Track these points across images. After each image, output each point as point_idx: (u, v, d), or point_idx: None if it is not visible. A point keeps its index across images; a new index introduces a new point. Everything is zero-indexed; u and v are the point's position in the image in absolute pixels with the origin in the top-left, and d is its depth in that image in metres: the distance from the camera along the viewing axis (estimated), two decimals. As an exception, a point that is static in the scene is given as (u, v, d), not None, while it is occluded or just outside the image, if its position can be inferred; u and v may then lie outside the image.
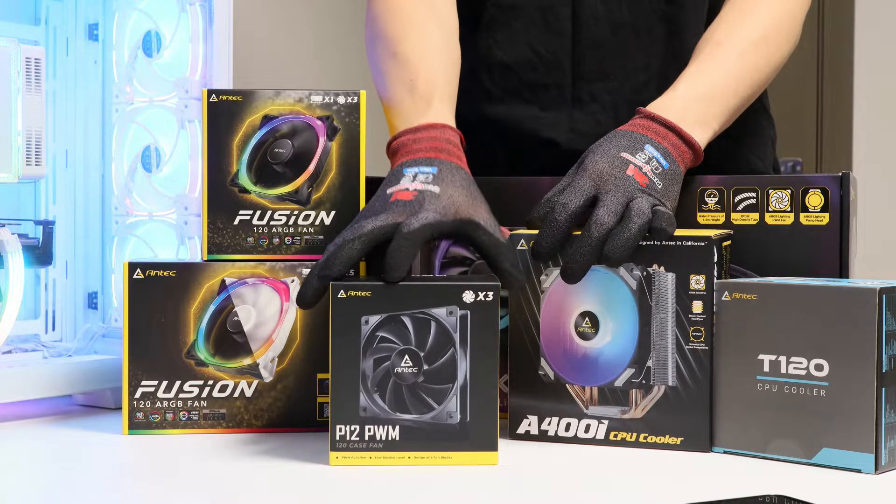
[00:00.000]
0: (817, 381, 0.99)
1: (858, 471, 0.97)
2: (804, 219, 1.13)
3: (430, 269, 1.23)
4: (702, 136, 1.17)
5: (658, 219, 1.06)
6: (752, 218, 1.15)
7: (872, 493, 0.93)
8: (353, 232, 1.03)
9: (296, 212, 1.15)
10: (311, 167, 1.15)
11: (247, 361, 1.13)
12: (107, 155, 1.35)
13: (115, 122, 1.33)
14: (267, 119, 1.15)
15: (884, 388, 0.97)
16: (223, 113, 1.14)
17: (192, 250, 1.27)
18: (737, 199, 1.15)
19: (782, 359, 1.01)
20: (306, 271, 1.13)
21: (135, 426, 1.12)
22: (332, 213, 1.15)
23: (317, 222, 1.15)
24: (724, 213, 1.15)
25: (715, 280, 1.05)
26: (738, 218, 1.15)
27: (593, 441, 1.08)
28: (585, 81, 1.38)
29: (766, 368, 1.02)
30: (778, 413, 1.01)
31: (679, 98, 1.18)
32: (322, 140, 1.15)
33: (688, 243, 1.05)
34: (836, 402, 0.98)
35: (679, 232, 1.07)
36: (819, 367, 0.99)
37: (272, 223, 1.15)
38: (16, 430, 1.14)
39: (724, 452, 1.05)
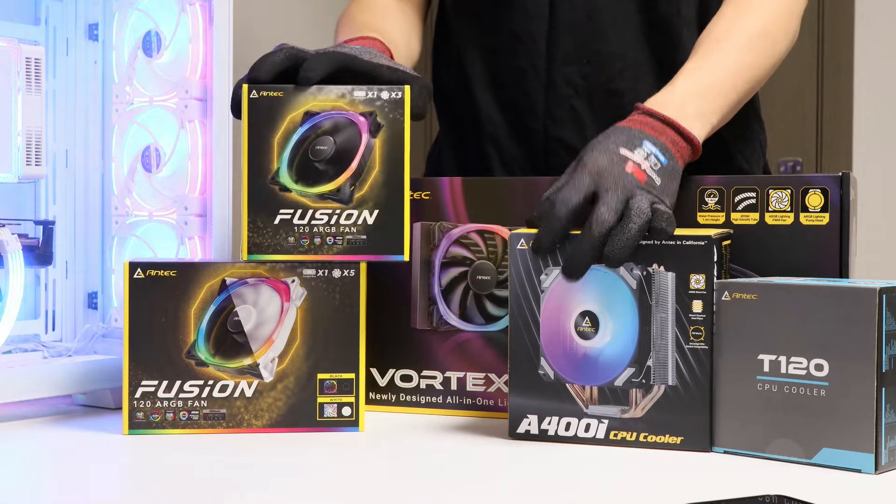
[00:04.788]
0: (817, 381, 0.99)
1: (858, 471, 0.97)
2: (804, 219, 1.13)
3: (429, 269, 1.23)
4: (700, 131, 1.17)
5: (658, 218, 1.06)
6: (752, 218, 1.15)
7: (872, 493, 0.93)
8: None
9: (338, 211, 1.12)
10: (354, 165, 1.12)
11: (247, 361, 1.13)
12: (107, 155, 1.35)
13: (115, 122, 1.33)
14: (308, 115, 1.13)
15: (884, 388, 0.97)
16: (264, 109, 1.12)
17: (192, 250, 1.27)
18: (737, 199, 1.15)
19: (782, 359, 1.01)
20: (307, 271, 1.13)
21: (135, 426, 1.12)
22: (376, 212, 1.13)
23: (359, 221, 1.12)
24: (724, 213, 1.15)
25: (715, 279, 1.05)
26: (738, 218, 1.15)
27: (593, 440, 1.08)
28: (559, 64, 1.41)
29: (766, 368, 1.02)
30: (778, 413, 1.01)
31: (677, 93, 1.19)
32: (365, 137, 1.13)
33: (688, 243, 1.05)
34: (836, 402, 0.98)
35: (679, 231, 1.07)
36: (819, 367, 0.99)
37: (313, 222, 1.12)
38: (16, 430, 1.14)
39: (724, 452, 1.05)
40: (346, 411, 1.14)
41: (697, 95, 1.19)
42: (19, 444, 1.10)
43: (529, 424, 1.10)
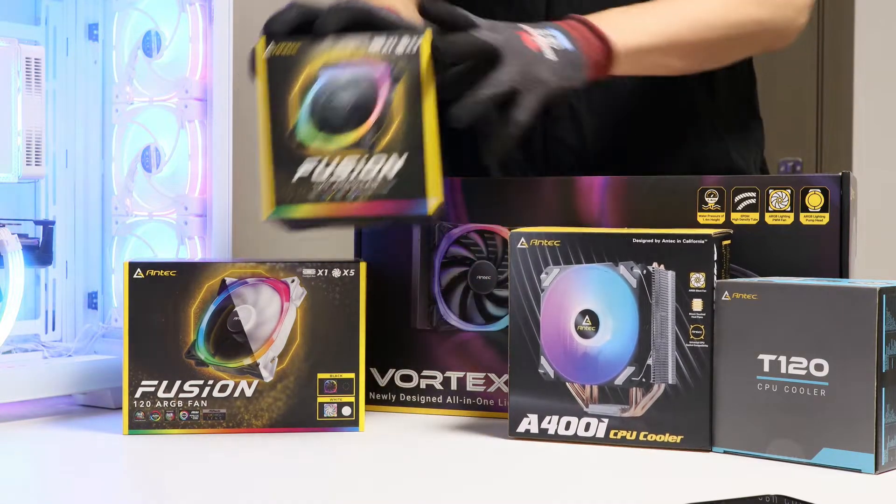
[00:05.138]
0: (817, 381, 0.99)
1: (858, 471, 0.97)
2: (804, 219, 1.13)
3: (429, 269, 1.23)
4: (617, 37, 1.16)
5: (516, 107, 1.07)
6: (752, 218, 1.15)
7: (872, 493, 0.93)
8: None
9: (359, 162, 1.10)
10: (374, 116, 1.09)
11: (247, 361, 1.13)
12: (107, 155, 1.35)
13: (114, 122, 1.33)
14: (325, 68, 1.10)
15: (884, 388, 0.97)
16: (280, 65, 1.10)
17: (192, 250, 1.27)
18: (737, 199, 1.15)
19: (782, 359, 1.01)
20: (307, 271, 1.13)
21: (135, 426, 1.12)
22: (399, 161, 1.10)
23: (381, 172, 1.09)
24: (724, 213, 1.16)
25: (715, 278, 1.05)
26: (738, 218, 1.15)
27: (593, 440, 1.08)
28: None
29: (766, 368, 1.02)
30: (778, 413, 1.01)
31: (604, 12, 1.19)
32: (384, 87, 1.10)
33: (688, 241, 1.05)
34: (836, 402, 0.98)
35: (678, 230, 1.07)
36: (819, 367, 0.99)
37: (334, 175, 1.09)
38: (16, 430, 1.14)
39: (724, 452, 1.05)
40: (346, 411, 1.14)
41: (624, 13, 1.19)
42: (19, 444, 1.10)
43: (529, 424, 1.10)
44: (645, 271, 1.06)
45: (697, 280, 1.05)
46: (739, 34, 1.29)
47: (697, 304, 1.05)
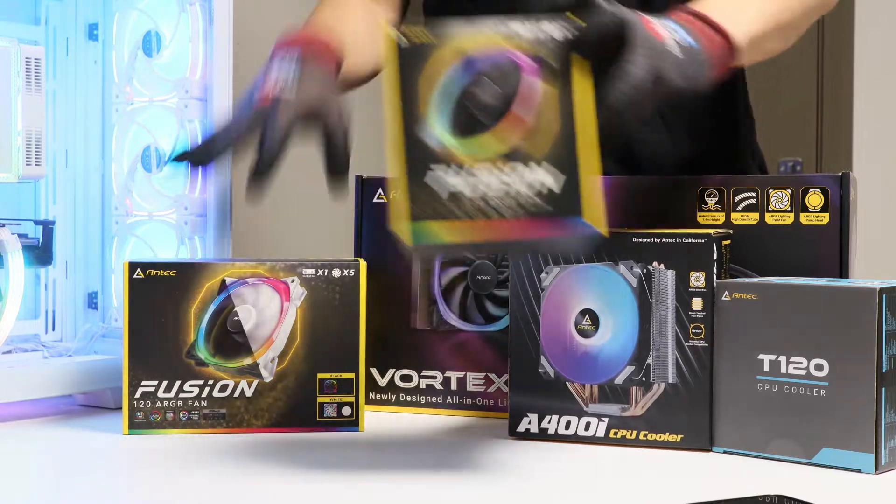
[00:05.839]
0: (817, 381, 0.99)
1: (858, 471, 0.97)
2: (804, 219, 1.13)
3: (429, 269, 1.23)
4: (735, 29, 1.06)
5: (621, 78, 0.93)
6: (752, 218, 1.15)
7: (872, 493, 0.93)
8: None
9: (504, 172, 0.91)
10: (524, 117, 0.92)
11: (247, 361, 1.13)
12: (107, 155, 1.35)
13: (115, 122, 1.33)
14: (463, 57, 0.93)
15: (884, 388, 0.97)
16: (412, 57, 0.93)
17: (192, 250, 1.27)
18: (737, 199, 1.15)
19: (782, 359, 1.01)
20: (307, 271, 1.13)
21: (135, 426, 1.12)
22: (556, 172, 0.90)
23: (536, 184, 0.90)
24: (724, 213, 1.16)
25: (715, 277, 1.05)
26: (738, 218, 1.15)
27: (593, 439, 1.08)
28: None
29: (766, 368, 1.02)
30: (778, 413, 1.01)
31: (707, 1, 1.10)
32: (532, 80, 0.92)
33: (687, 240, 1.05)
34: (836, 402, 0.98)
35: (678, 230, 1.07)
36: (819, 367, 0.99)
37: (480, 187, 0.90)
38: (16, 430, 1.14)
39: (724, 452, 1.05)
40: (346, 411, 1.14)
41: (728, 3, 1.10)
42: (19, 444, 1.10)
43: (529, 423, 1.10)
44: (645, 270, 1.06)
45: (697, 279, 1.05)
46: (808, 10, 1.22)
47: (697, 304, 1.05)
